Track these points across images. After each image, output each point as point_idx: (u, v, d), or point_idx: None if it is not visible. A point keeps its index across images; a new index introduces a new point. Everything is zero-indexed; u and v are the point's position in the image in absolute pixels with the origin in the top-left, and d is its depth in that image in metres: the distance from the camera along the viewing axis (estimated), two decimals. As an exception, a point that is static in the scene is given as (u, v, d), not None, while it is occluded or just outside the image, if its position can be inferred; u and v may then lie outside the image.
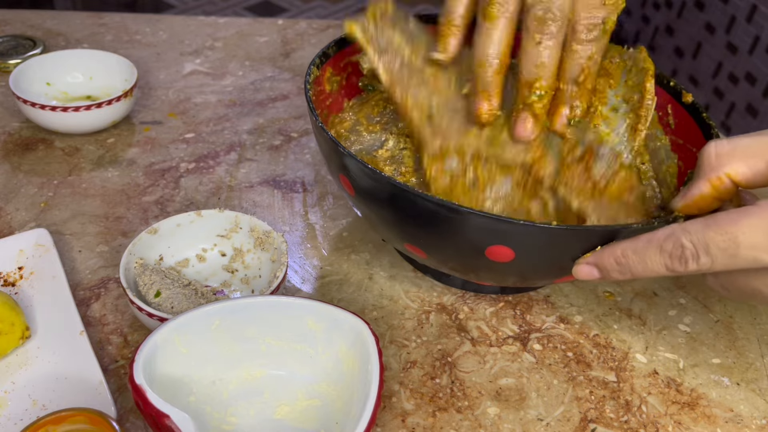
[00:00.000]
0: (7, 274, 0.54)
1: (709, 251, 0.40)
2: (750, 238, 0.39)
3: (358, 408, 0.41)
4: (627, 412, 0.49)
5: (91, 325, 0.52)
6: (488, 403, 0.49)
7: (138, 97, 0.77)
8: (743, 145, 0.42)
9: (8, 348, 0.48)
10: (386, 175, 0.46)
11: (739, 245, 0.39)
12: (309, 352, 0.46)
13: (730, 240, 0.39)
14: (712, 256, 0.40)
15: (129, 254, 0.51)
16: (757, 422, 0.49)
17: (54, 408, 0.44)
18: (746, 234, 0.39)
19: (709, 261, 0.41)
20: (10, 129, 0.72)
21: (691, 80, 0.96)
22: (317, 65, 0.57)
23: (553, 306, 0.57)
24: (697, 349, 0.55)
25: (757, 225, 0.39)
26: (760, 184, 0.42)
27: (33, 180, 0.65)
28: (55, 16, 0.93)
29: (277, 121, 0.76)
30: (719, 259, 0.40)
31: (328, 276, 0.58)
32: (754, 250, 0.39)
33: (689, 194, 0.45)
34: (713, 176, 0.43)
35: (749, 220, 0.39)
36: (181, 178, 0.67)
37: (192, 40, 0.90)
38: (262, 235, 0.55)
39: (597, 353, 0.53)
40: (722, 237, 0.40)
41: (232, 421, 0.45)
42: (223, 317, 0.45)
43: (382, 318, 0.55)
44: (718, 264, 0.40)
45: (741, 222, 0.39)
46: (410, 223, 0.48)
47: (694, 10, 0.93)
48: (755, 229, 0.39)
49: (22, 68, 0.71)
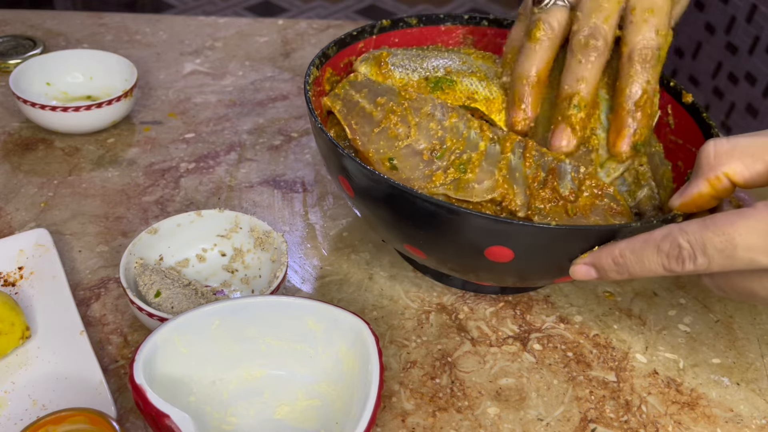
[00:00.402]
0: (7, 274, 0.54)
1: (706, 252, 0.40)
2: (747, 240, 0.39)
3: (358, 408, 0.41)
4: (627, 412, 0.49)
5: (91, 325, 0.52)
6: (488, 403, 0.49)
7: (138, 97, 0.77)
8: (742, 144, 0.42)
9: (8, 348, 0.48)
10: (385, 177, 0.46)
11: (736, 246, 0.39)
12: (309, 352, 0.46)
13: (727, 241, 0.39)
14: (709, 257, 0.40)
15: (129, 254, 0.51)
16: (757, 422, 0.50)
17: (54, 408, 0.44)
18: (743, 235, 0.39)
19: (706, 261, 0.41)
20: (10, 129, 0.72)
21: (691, 80, 0.95)
22: (317, 66, 0.57)
23: (553, 306, 0.57)
24: (697, 349, 0.55)
25: (754, 227, 0.39)
26: (758, 184, 0.42)
27: (33, 180, 0.65)
28: (55, 16, 0.93)
29: (277, 121, 0.76)
30: (716, 260, 0.40)
31: (328, 276, 0.58)
32: (751, 252, 0.39)
33: (687, 193, 0.45)
34: (711, 175, 0.43)
35: (746, 221, 0.39)
36: (181, 178, 0.67)
37: (192, 40, 0.90)
38: (262, 235, 0.55)
39: (597, 353, 0.53)
40: (719, 238, 0.40)
41: (232, 421, 0.45)
42: (223, 317, 0.45)
43: (382, 318, 0.55)
44: (715, 265, 0.40)
45: (738, 223, 0.39)
46: (410, 224, 0.48)
47: (694, 10, 0.93)
48: (752, 231, 0.39)
49: (22, 68, 0.71)
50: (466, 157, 0.51)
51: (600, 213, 0.50)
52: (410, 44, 0.64)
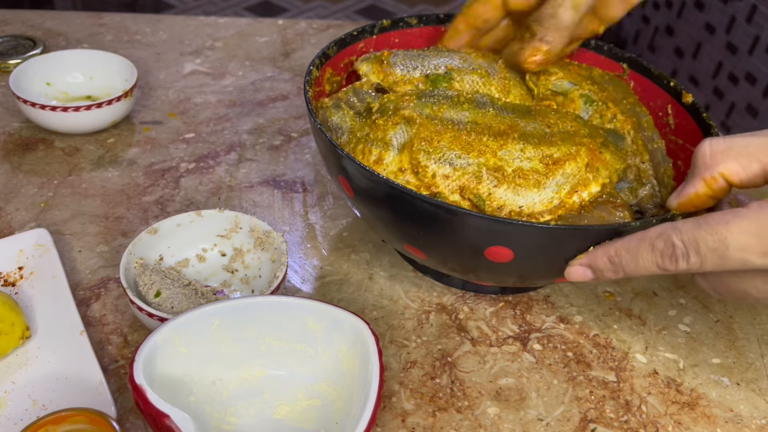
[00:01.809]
0: (7, 274, 0.54)
1: (699, 251, 0.40)
2: (739, 240, 0.39)
3: (358, 408, 0.41)
4: (627, 412, 0.49)
5: (91, 325, 0.52)
6: (488, 403, 0.49)
7: (138, 97, 0.77)
8: (738, 144, 0.42)
9: (8, 348, 0.48)
10: (384, 177, 0.46)
11: (728, 246, 0.39)
12: (309, 352, 0.46)
13: (719, 240, 0.39)
14: (702, 256, 0.40)
15: (129, 254, 0.51)
16: (757, 422, 0.50)
17: (54, 408, 0.44)
18: (736, 235, 0.39)
19: (698, 260, 0.41)
20: (10, 129, 0.72)
21: (691, 80, 0.95)
22: (317, 66, 0.57)
23: (553, 306, 0.57)
24: (697, 349, 0.55)
25: (747, 227, 0.39)
26: (754, 184, 0.42)
27: (33, 180, 0.65)
28: (55, 16, 0.93)
29: (277, 121, 0.76)
30: (709, 259, 0.40)
31: (328, 276, 0.58)
32: (743, 252, 0.39)
33: (684, 192, 0.45)
34: (707, 175, 0.43)
35: (740, 221, 0.39)
36: (181, 178, 0.67)
37: (192, 40, 0.90)
38: (262, 235, 0.55)
39: (597, 353, 0.53)
40: (712, 237, 0.40)
41: (232, 421, 0.45)
42: (223, 317, 0.45)
43: (382, 318, 0.55)
44: (708, 264, 0.40)
45: (732, 223, 0.39)
46: (409, 225, 0.48)
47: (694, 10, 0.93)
48: (745, 231, 0.39)
49: (22, 68, 0.71)
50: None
51: (602, 207, 0.50)
52: (411, 44, 0.65)
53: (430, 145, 0.49)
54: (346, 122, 0.55)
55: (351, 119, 0.55)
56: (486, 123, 0.52)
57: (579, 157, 0.50)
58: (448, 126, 0.51)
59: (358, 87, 0.59)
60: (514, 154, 0.50)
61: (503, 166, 0.49)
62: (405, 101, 0.53)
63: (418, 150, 0.50)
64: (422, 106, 0.53)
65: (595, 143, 0.52)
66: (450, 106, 0.53)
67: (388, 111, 0.53)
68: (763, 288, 0.41)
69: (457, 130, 0.51)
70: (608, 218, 0.49)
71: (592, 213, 0.50)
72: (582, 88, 0.58)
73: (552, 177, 0.49)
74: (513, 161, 0.50)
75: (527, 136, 0.51)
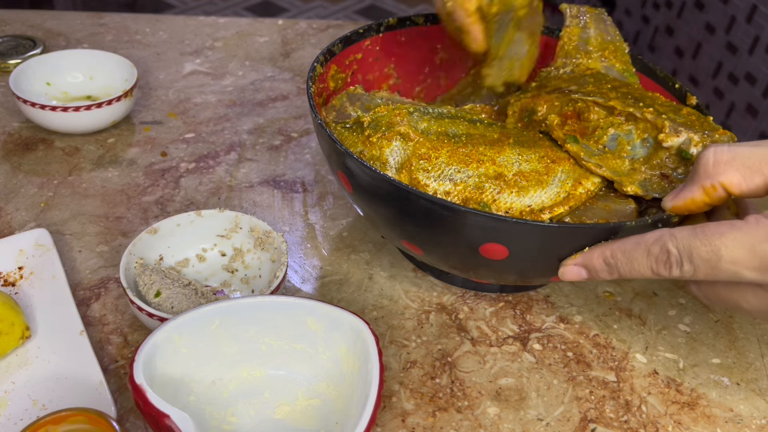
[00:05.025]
0: (7, 274, 0.54)
1: (692, 259, 0.40)
2: (732, 253, 0.39)
3: (358, 408, 0.41)
4: (627, 412, 0.49)
5: (91, 325, 0.52)
6: (488, 403, 0.49)
7: (138, 97, 0.77)
8: (742, 155, 0.42)
9: (8, 348, 0.48)
10: (383, 173, 0.46)
11: (720, 258, 0.39)
12: (309, 352, 0.46)
13: (712, 252, 0.40)
14: (695, 265, 0.40)
15: (129, 254, 0.51)
16: (757, 422, 0.50)
17: (54, 408, 0.44)
18: (728, 248, 0.39)
19: (691, 269, 0.41)
20: (10, 129, 0.72)
21: (691, 80, 0.95)
22: (321, 62, 0.57)
23: (553, 306, 0.57)
24: (697, 349, 0.55)
25: (741, 240, 0.39)
26: (754, 195, 0.42)
27: (33, 180, 0.65)
28: (55, 16, 0.93)
29: (277, 121, 0.76)
30: (701, 269, 0.40)
31: (328, 276, 0.58)
32: (735, 265, 0.39)
33: (680, 196, 0.45)
34: (707, 183, 0.43)
35: (734, 234, 0.39)
36: (181, 178, 0.67)
37: (192, 40, 0.90)
38: (262, 235, 0.55)
39: (597, 353, 0.53)
40: (706, 248, 0.40)
41: (232, 421, 0.45)
42: (223, 317, 0.45)
43: (382, 318, 0.55)
44: (700, 273, 0.41)
45: (726, 235, 0.39)
46: (407, 221, 0.48)
47: (694, 10, 0.93)
48: (738, 245, 0.39)
49: (22, 68, 0.71)
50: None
51: (607, 198, 0.50)
52: (416, 43, 0.65)
53: (429, 163, 0.49)
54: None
55: (340, 135, 0.54)
56: (480, 133, 0.52)
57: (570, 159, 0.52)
58: (443, 140, 0.51)
59: (352, 92, 0.59)
60: (513, 158, 0.50)
61: (503, 172, 0.49)
62: (397, 116, 0.53)
63: (417, 169, 0.49)
64: (416, 121, 0.53)
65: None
66: (443, 120, 0.53)
67: (381, 127, 0.52)
68: (754, 301, 0.41)
69: (453, 144, 0.51)
70: (612, 208, 0.49)
71: (596, 204, 0.50)
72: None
73: (553, 174, 0.50)
74: (512, 165, 0.50)
75: (521, 142, 0.52)
